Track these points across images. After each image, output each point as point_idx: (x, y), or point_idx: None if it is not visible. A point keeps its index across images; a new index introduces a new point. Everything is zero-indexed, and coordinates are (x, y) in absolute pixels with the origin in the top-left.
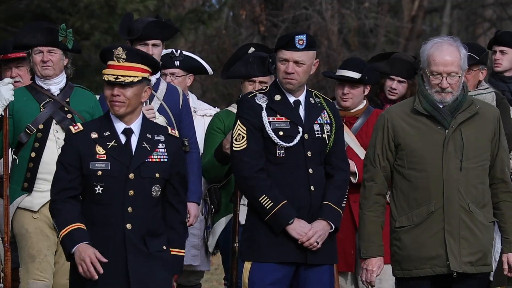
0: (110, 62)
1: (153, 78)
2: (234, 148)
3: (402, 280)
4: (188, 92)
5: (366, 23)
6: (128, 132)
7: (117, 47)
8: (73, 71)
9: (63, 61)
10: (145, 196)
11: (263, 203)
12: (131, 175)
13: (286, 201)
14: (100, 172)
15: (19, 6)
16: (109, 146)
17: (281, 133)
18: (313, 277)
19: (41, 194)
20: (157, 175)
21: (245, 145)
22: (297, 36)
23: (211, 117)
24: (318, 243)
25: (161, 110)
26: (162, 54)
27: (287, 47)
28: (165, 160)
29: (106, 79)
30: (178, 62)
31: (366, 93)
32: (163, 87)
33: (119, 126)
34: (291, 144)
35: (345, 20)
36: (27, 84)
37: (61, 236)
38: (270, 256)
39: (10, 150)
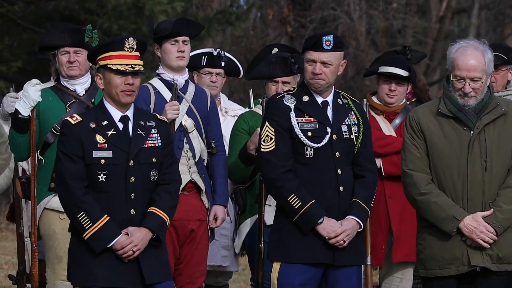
0: (118, 52)
1: (182, 80)
2: (262, 150)
3: (427, 280)
4: (220, 93)
5: (394, 24)
6: (125, 120)
7: (126, 38)
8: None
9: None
10: (145, 182)
11: (292, 203)
12: (131, 162)
13: (314, 200)
14: (103, 161)
15: (48, 8)
16: (109, 134)
17: (309, 133)
18: (341, 277)
19: None
20: (153, 160)
21: (273, 147)
22: (324, 37)
23: None
24: (344, 242)
25: (189, 113)
26: (206, 52)
27: (314, 48)
28: (159, 144)
29: (122, 69)
30: (223, 63)
31: (408, 91)
32: (191, 89)
33: (116, 114)
34: (319, 145)
35: (373, 21)
36: None
37: (96, 228)
38: (299, 257)
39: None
